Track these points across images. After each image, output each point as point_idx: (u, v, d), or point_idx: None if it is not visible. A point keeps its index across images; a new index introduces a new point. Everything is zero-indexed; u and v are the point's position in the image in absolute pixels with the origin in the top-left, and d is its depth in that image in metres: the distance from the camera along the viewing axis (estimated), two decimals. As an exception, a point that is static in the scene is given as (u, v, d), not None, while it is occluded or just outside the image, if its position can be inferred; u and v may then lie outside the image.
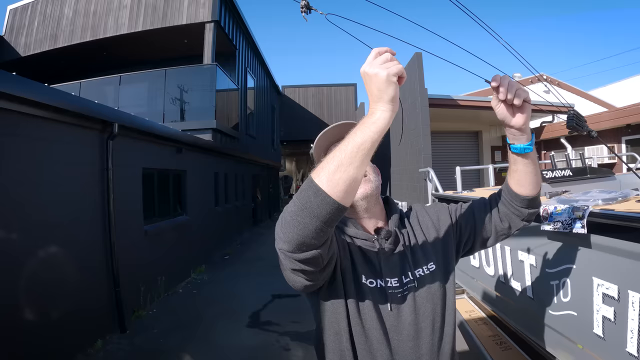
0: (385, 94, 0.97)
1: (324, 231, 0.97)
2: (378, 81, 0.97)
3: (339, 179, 0.93)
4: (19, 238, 3.84)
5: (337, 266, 1.24)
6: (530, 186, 1.29)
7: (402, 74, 0.99)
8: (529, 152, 1.23)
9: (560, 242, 1.95)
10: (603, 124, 10.20)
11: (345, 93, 26.06)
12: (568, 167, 3.74)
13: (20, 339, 3.72)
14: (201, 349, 4.73)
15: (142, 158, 6.44)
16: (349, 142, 0.96)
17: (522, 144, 1.22)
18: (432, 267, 1.33)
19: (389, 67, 0.97)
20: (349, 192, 0.95)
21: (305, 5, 1.04)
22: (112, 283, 5.22)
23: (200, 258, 8.92)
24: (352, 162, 0.94)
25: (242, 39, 13.07)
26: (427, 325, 1.25)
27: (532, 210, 1.34)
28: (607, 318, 1.67)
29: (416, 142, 9.41)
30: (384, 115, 0.97)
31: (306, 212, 0.95)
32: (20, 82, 3.83)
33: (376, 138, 0.96)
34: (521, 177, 1.28)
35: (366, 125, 0.97)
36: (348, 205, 0.97)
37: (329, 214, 0.94)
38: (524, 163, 1.25)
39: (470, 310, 3.38)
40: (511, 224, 1.37)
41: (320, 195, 0.93)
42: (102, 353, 4.57)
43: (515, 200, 1.32)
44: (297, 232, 0.97)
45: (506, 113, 1.19)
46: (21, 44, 11.40)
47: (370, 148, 0.96)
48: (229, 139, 10.99)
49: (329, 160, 0.96)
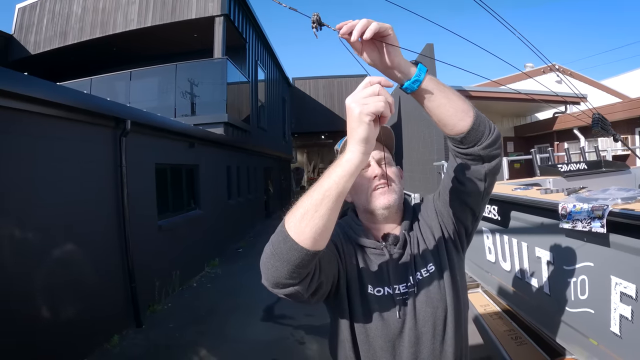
0: (355, 132, 0.91)
1: (297, 273, 0.96)
2: (350, 116, 0.92)
3: (305, 226, 0.92)
4: (35, 237, 3.90)
5: (340, 280, 1.23)
6: (454, 119, 1.09)
7: (382, 113, 0.91)
8: (419, 85, 1.05)
9: (579, 240, 1.94)
10: (616, 114, 10.00)
11: (356, 84, 25.39)
12: (583, 160, 3.71)
13: (39, 336, 3.79)
14: (216, 343, 4.78)
15: (154, 154, 6.49)
16: (317, 187, 0.93)
17: (408, 80, 1.05)
18: (432, 268, 1.28)
19: (366, 103, 0.89)
20: (318, 240, 0.93)
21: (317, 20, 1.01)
22: (128, 278, 5.29)
23: (214, 251, 9.00)
24: (318, 210, 0.91)
25: (252, 31, 13.04)
26: (427, 330, 1.22)
27: (481, 144, 1.12)
28: (625, 317, 1.66)
29: (428, 134, 9.35)
30: (351, 157, 0.92)
31: (277, 257, 0.96)
32: (33, 82, 3.87)
33: (342, 183, 0.91)
34: (438, 115, 1.10)
35: (334, 167, 0.94)
36: (321, 249, 0.96)
37: (299, 259, 0.93)
38: (427, 99, 1.08)
39: (485, 304, 3.37)
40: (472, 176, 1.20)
41: (289, 242, 0.93)
42: (119, 348, 4.64)
43: (455, 143, 1.16)
44: (271, 274, 0.98)
45: (372, 59, 1.05)
46: (31, 42, 11.47)
47: (337, 195, 0.91)
48: (240, 132, 11.01)
49: (298, 205, 0.94)
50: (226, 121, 9.43)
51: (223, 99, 9.53)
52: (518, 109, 12.99)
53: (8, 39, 11.52)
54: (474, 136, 1.11)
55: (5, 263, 3.56)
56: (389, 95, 0.92)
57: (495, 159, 1.18)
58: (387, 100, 0.91)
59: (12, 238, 3.66)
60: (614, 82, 16.34)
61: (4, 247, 3.56)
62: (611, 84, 16.09)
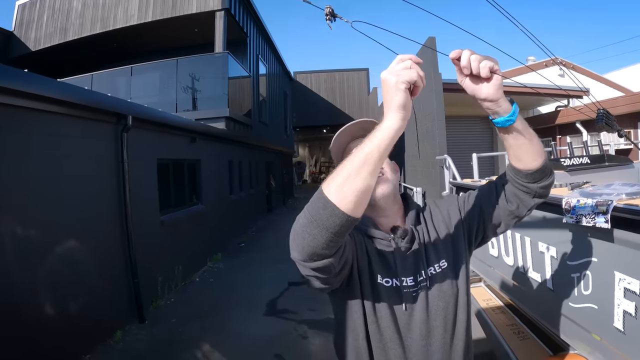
0: (392, 101, 0.96)
1: (334, 242, 0.97)
2: (387, 87, 0.97)
3: (347, 190, 0.92)
4: (38, 233, 3.91)
5: (353, 267, 1.24)
6: (530, 158, 1.19)
7: (416, 82, 0.97)
8: (511, 124, 1.13)
9: (583, 235, 1.93)
10: (619, 108, 9.92)
11: (357, 78, 25.93)
12: (586, 154, 3.69)
13: (42, 332, 3.81)
14: (219, 338, 4.79)
15: (156, 149, 6.49)
16: (358, 152, 0.95)
17: (502, 117, 1.13)
18: (444, 264, 1.32)
19: (400, 74, 0.95)
20: (359, 204, 0.94)
21: (330, 12, 1.02)
22: (131, 274, 5.30)
23: (216, 246, 9.00)
24: (360, 172, 0.93)
25: (253, 25, 13.01)
26: (439, 324, 1.25)
27: (541, 183, 1.23)
28: (628, 312, 1.66)
29: (431, 128, 9.33)
30: (390, 124, 0.96)
31: (316, 224, 0.95)
32: (33, 79, 3.86)
33: (384, 147, 0.95)
34: (516, 151, 1.19)
35: (374, 134, 0.96)
36: (359, 216, 0.97)
37: (339, 225, 0.93)
38: (513, 137, 1.16)
39: (487, 298, 3.37)
40: (520, 204, 1.27)
41: (329, 208, 0.93)
42: (122, 344, 4.66)
43: (519, 176, 1.23)
44: (308, 244, 0.98)
45: (474, 87, 1.11)
46: (31, 38, 11.47)
47: (378, 158, 0.94)
48: (242, 127, 11.01)
49: (338, 171, 0.96)
50: (228, 116, 9.43)
51: (224, 94, 9.52)
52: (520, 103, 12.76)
53: (8, 35, 11.53)
54: (538, 175, 1.21)
55: (8, 259, 3.56)
56: (419, 69, 0.98)
57: (544, 197, 1.28)
58: (420, 74, 0.97)
59: (15, 235, 3.66)
60: (616, 76, 16.23)
61: (6, 244, 3.56)
62: (614, 78, 15.99)
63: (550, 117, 12.64)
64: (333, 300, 1.35)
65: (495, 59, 1.07)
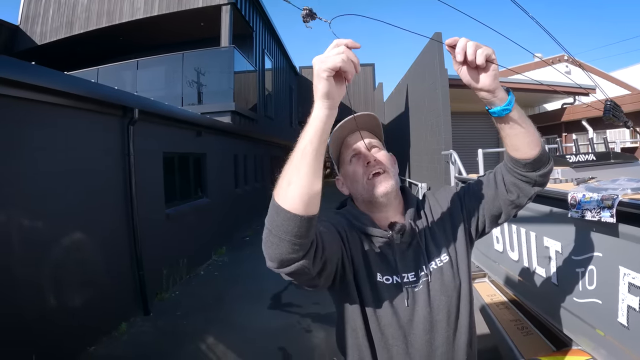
0: (316, 88, 0.93)
1: (298, 245, 0.96)
2: (314, 74, 0.93)
3: (292, 191, 0.93)
4: (45, 225, 3.93)
5: (346, 266, 1.23)
6: (527, 147, 1.17)
7: (341, 68, 0.91)
8: (507, 113, 1.12)
9: (588, 230, 1.93)
10: (625, 107, 9.83)
11: (362, 73, 25.81)
12: (591, 151, 3.68)
13: (47, 324, 3.83)
14: (224, 330, 4.82)
15: (162, 142, 6.51)
16: (294, 150, 0.95)
17: (498, 107, 1.11)
18: (446, 258, 1.30)
19: (325, 61, 0.90)
20: (309, 202, 0.94)
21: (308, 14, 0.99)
22: (136, 266, 5.33)
23: (221, 240, 9.03)
24: (300, 170, 0.93)
25: (259, 20, 12.99)
26: (441, 318, 1.24)
27: (539, 172, 1.21)
28: (633, 307, 1.66)
29: (436, 123, 9.30)
30: (317, 113, 0.94)
31: (275, 232, 0.95)
32: (41, 72, 3.88)
33: (317, 139, 0.93)
34: (513, 140, 1.18)
35: (305, 127, 0.95)
36: (315, 213, 0.96)
37: (297, 227, 0.93)
38: (509, 126, 1.15)
39: (491, 294, 3.37)
40: (520, 193, 1.25)
41: (282, 213, 0.94)
42: (127, 336, 4.69)
43: (517, 166, 1.21)
44: (274, 252, 0.98)
45: (469, 77, 1.09)
46: (37, 32, 11.48)
47: (314, 150, 0.93)
48: (247, 121, 11.01)
49: (282, 175, 0.96)
50: (233, 110, 9.44)
51: (230, 88, 9.53)
52: (526, 100, 12.86)
53: (14, 30, 11.55)
54: (537, 164, 1.19)
55: (14, 252, 3.59)
56: (353, 54, 0.92)
57: (544, 185, 1.27)
58: (350, 59, 0.91)
59: (21, 227, 3.68)
60: (623, 74, 16.15)
61: (12, 236, 3.59)
62: (620, 76, 15.90)
63: (556, 115, 12.58)
64: (332, 297, 1.35)
65: (491, 48, 1.05)
